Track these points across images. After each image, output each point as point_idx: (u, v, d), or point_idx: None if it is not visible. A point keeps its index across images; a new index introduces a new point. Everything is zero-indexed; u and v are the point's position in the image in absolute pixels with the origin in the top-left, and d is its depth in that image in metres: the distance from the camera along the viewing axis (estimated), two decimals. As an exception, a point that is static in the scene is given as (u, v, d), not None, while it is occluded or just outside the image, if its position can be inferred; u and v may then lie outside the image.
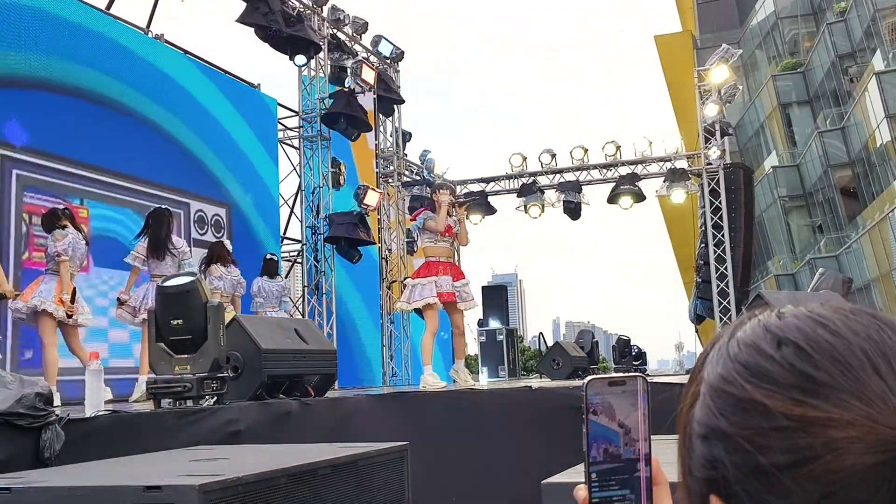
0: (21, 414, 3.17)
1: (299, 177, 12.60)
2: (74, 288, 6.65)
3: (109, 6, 10.21)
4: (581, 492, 0.88)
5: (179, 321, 4.39)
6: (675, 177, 13.95)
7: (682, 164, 14.35)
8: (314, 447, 3.47)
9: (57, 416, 3.33)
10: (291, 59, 11.24)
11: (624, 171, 14.47)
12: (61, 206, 7.07)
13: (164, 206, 8.06)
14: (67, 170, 9.51)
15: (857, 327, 0.65)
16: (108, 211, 9.99)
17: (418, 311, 7.70)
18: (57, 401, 6.32)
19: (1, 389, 3.20)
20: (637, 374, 0.91)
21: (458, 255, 14.93)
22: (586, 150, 14.71)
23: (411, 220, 7.85)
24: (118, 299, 7.38)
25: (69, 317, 6.58)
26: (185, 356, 4.42)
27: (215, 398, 4.53)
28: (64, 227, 6.74)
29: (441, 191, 7.61)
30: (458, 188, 15.57)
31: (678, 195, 14.09)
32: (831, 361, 0.62)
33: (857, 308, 0.68)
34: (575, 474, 2.20)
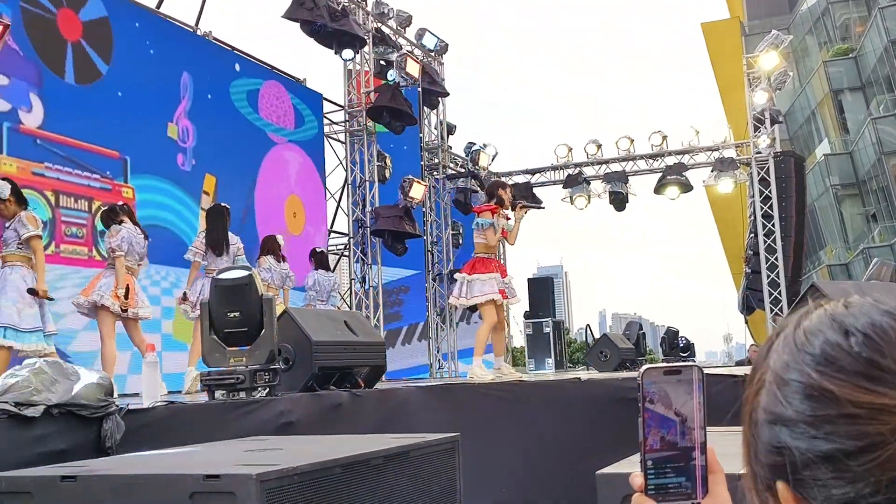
0: (83, 405, 3.26)
1: (345, 171, 12.69)
2: (129, 283, 6.78)
3: (159, 5, 10.37)
4: (637, 479, 0.89)
5: (237, 313, 4.46)
6: (723, 166, 13.78)
7: (730, 153, 14.17)
8: (367, 438, 3.52)
9: (117, 406, 3.42)
10: (337, 53, 11.32)
11: (671, 161, 14.33)
12: (119, 202, 7.21)
13: (221, 203, 8.19)
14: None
15: None
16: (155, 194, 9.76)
17: (471, 307, 7.69)
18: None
19: (63, 381, 3.29)
20: (693, 363, 0.92)
21: (504, 249, 14.92)
22: (632, 141, 14.61)
23: (476, 211, 7.82)
24: (184, 294, 7.52)
25: (124, 311, 6.72)
26: (240, 348, 4.50)
27: (267, 390, 4.60)
28: (121, 223, 6.88)
29: (508, 189, 7.61)
30: (503, 180, 15.56)
31: (726, 185, 13.92)
32: None
33: None
34: (629, 465, 2.20)
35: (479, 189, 14.29)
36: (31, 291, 6.01)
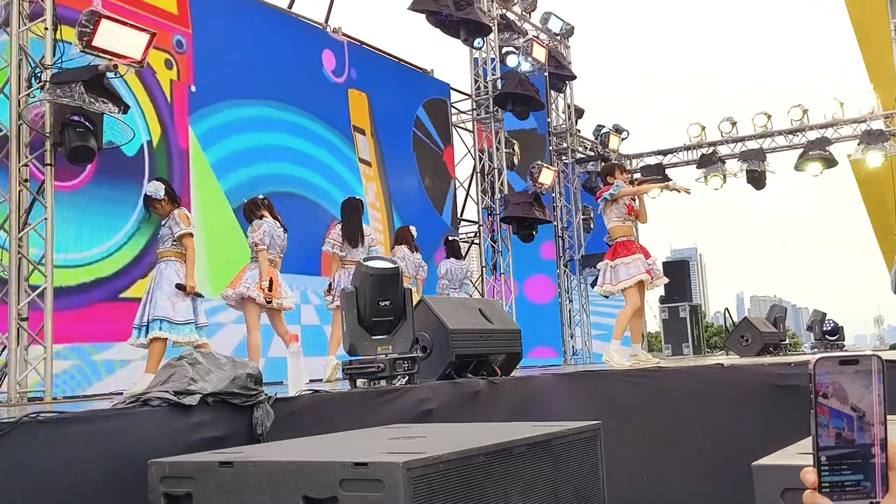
0: (235, 393, 3.41)
1: (473, 159, 12.74)
2: (272, 275, 7.04)
3: (291, 5, 10.66)
4: (810, 475, 0.84)
5: (387, 302, 4.56)
6: (870, 139, 13.04)
7: (878, 124, 13.37)
8: (508, 426, 3.52)
9: (266, 395, 3.55)
10: (465, 42, 11.34)
11: (812, 135, 13.67)
12: (261, 196, 7.46)
13: (356, 196, 8.40)
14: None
15: None
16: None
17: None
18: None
19: (217, 370, 3.45)
20: (872, 352, 0.86)
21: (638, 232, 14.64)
22: (769, 116, 14.04)
23: (597, 199, 7.85)
24: (329, 286, 7.74)
25: (268, 302, 6.98)
26: (385, 337, 4.60)
27: (407, 378, 4.68)
28: (262, 217, 7.15)
29: (620, 172, 7.63)
30: (635, 161, 15.24)
31: (875, 158, 13.17)
32: None
33: None
34: (786, 456, 2.11)
35: (609, 172, 14.05)
36: (180, 287, 6.31)
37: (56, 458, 2.86)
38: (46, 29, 6.47)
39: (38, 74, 6.43)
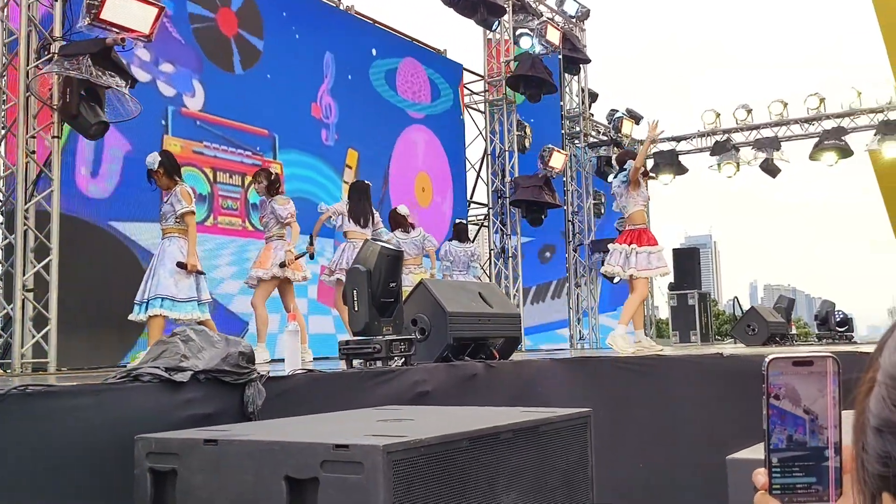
0: (227, 371, 3.42)
1: (485, 141, 12.69)
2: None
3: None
4: (761, 477, 0.83)
5: (394, 284, 4.59)
6: (887, 129, 12.91)
7: (896, 115, 13.23)
8: (497, 411, 3.52)
9: (258, 374, 3.56)
10: (480, 23, 11.27)
11: (828, 125, 13.54)
12: (275, 173, 7.50)
13: (364, 180, 8.42)
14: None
15: None
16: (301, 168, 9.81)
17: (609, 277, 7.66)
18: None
19: (209, 348, 3.46)
20: (827, 353, 0.84)
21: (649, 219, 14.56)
22: (786, 105, 13.90)
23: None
24: (310, 238, 7.71)
25: (282, 267, 7.02)
26: (387, 318, 4.62)
27: (403, 360, 4.69)
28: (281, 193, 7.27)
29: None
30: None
31: (891, 149, 13.03)
32: None
33: None
34: (762, 450, 2.10)
35: (622, 157, 13.97)
36: (181, 265, 6.30)
37: (44, 432, 2.88)
38: (55, 1, 6.47)
39: (47, 46, 6.44)
